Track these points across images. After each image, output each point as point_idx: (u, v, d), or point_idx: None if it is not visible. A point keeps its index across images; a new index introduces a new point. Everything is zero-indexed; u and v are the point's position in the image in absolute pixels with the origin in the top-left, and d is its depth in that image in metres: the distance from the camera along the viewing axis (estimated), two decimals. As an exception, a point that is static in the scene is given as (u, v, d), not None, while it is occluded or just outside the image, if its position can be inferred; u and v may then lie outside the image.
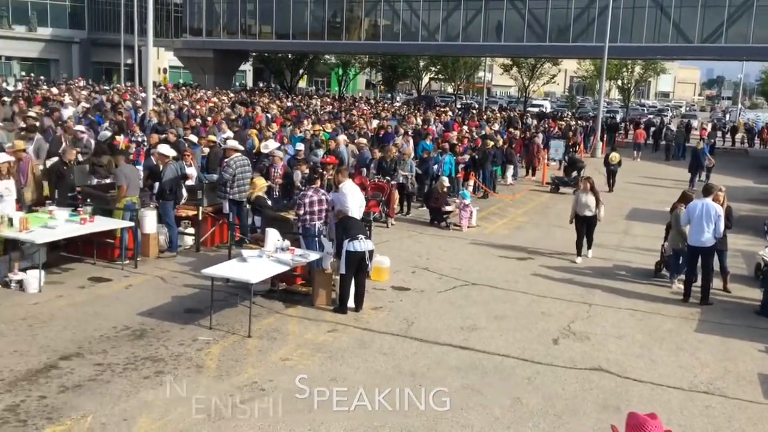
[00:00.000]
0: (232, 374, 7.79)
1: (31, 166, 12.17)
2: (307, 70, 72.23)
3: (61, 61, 64.78)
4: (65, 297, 10.01)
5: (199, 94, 41.21)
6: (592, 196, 13.49)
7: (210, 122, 23.16)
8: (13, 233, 10.28)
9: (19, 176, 11.59)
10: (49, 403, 6.83)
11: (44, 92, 33.68)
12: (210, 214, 13.26)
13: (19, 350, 8.05)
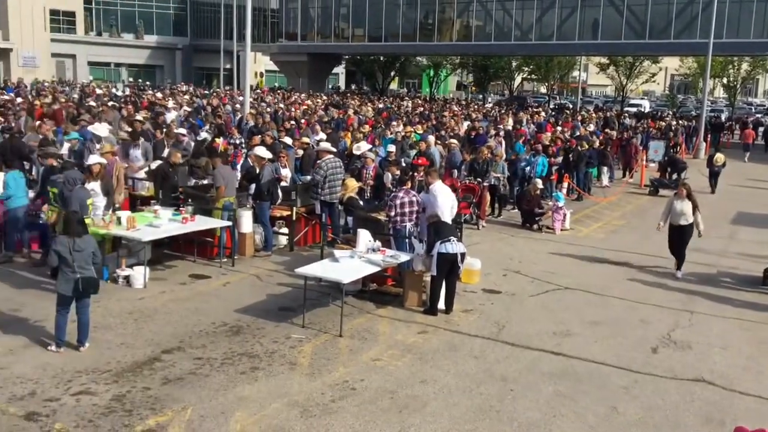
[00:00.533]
0: (324, 373, 7.92)
1: (116, 168, 12.66)
2: (398, 71, 72.62)
3: (165, 67, 67.82)
4: (168, 293, 10.45)
5: (293, 97, 42.17)
6: (688, 203, 12.48)
7: (304, 124, 23.66)
8: (121, 231, 10.84)
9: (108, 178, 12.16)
10: (153, 394, 7.16)
11: (150, 97, 35.33)
12: (303, 214, 13.55)
13: (126, 343, 8.47)
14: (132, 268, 10.80)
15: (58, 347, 8.08)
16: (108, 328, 8.89)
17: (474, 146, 19.24)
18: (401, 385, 7.68)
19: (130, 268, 10.82)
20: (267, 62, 65.35)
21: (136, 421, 6.61)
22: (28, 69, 53.79)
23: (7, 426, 6.37)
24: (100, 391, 7.17)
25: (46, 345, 8.16)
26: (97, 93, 35.60)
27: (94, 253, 8.11)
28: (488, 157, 16.68)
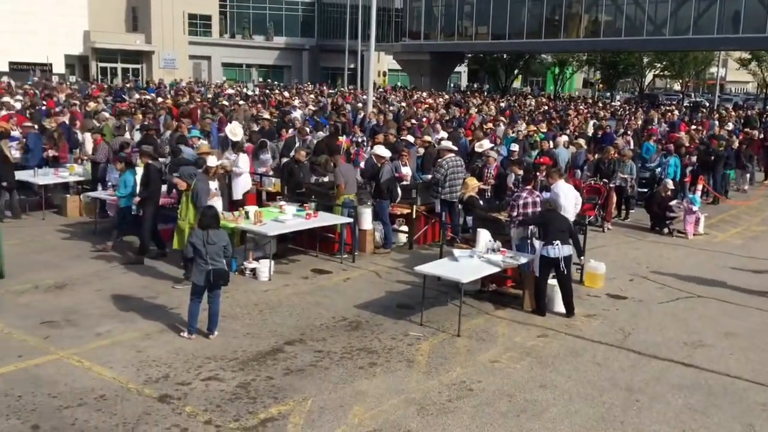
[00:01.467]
0: (441, 372, 7.89)
1: None
2: (522, 69, 71.34)
3: (292, 67, 70.11)
4: (291, 286, 10.78)
5: (415, 96, 42.39)
6: None
7: (425, 123, 23.72)
8: (248, 225, 11.30)
9: None
10: (275, 384, 7.40)
11: (277, 96, 36.63)
12: (423, 213, 13.57)
13: (252, 333, 8.81)
14: (258, 261, 11.22)
15: (190, 334, 8.53)
16: (235, 318, 9.29)
17: (600, 146, 18.55)
18: (519, 389, 7.53)
19: (257, 261, 11.24)
20: (390, 61, 66.06)
21: (260, 408, 6.85)
22: (168, 70, 57.22)
23: (143, 407, 6.78)
24: (227, 377, 7.49)
25: (180, 331, 8.64)
26: (229, 93, 37.25)
27: (225, 247, 8.49)
28: (615, 156, 16.03)
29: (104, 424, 6.41)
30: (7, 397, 6.82)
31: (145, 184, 11.64)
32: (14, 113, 19.11)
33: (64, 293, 9.93)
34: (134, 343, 8.29)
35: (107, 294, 9.95)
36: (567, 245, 9.70)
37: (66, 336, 8.42)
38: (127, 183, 11.80)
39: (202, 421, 6.55)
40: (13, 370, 7.43)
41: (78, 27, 55.07)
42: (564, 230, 9.73)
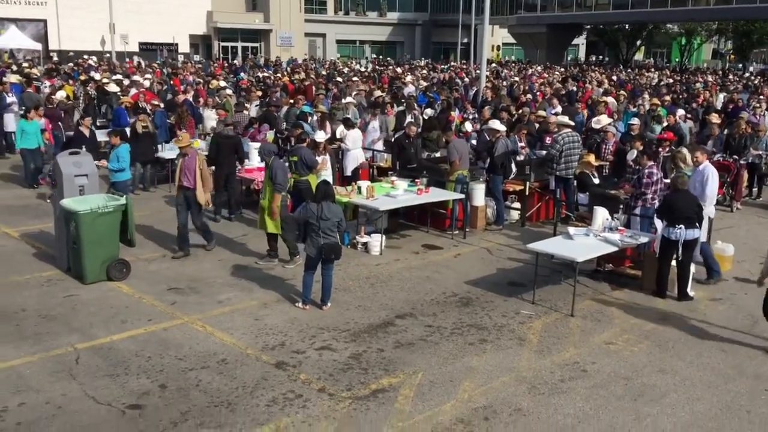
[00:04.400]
0: (554, 351, 7.74)
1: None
2: (645, 41, 67.95)
3: (405, 43, 70.12)
4: (402, 261, 10.87)
5: (530, 70, 41.37)
6: None
7: (540, 97, 23.11)
8: (360, 200, 11.45)
9: None
10: (386, 356, 7.50)
11: (390, 72, 36.77)
12: (537, 189, 13.28)
13: (363, 305, 8.96)
14: (370, 235, 11.37)
15: (305, 305, 8.78)
16: (347, 290, 9.47)
17: (731, 120, 17.43)
18: (637, 372, 7.26)
19: (369, 235, 11.39)
20: (504, 35, 64.73)
21: (371, 379, 6.97)
22: (285, 48, 58.65)
23: (260, 372, 7.07)
24: (339, 348, 7.67)
25: (295, 302, 8.91)
26: (343, 70, 37.75)
27: (339, 222, 8.64)
28: (747, 131, 15.00)
29: (225, 387, 6.72)
30: (138, 358, 7.29)
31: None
32: (144, 91, 20.19)
33: (189, 262, 10.46)
34: (252, 312, 8.63)
35: (228, 264, 10.40)
36: (694, 229, 9.18)
37: (190, 302, 8.89)
38: (120, 157, 11.66)
39: (316, 389, 6.74)
40: (143, 332, 7.93)
41: (202, 8, 57.37)
42: (691, 215, 9.19)
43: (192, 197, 10.35)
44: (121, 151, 11.68)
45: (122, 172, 11.71)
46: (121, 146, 11.75)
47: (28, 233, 11.47)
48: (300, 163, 11.26)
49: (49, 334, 7.77)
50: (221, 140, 12.68)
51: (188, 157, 10.34)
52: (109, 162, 11.69)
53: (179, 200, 10.48)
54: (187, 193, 10.35)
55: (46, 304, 8.63)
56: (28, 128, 14.43)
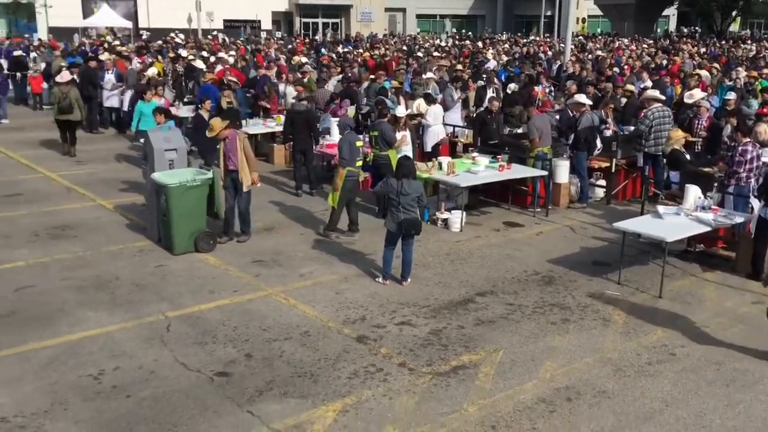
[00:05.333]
0: (640, 333, 7.52)
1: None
2: (741, 10, 64.38)
3: (486, 17, 68.86)
4: (482, 238, 10.76)
5: (617, 43, 39.95)
6: None
7: (627, 71, 22.29)
8: (441, 176, 11.38)
9: None
10: (466, 333, 7.47)
11: (470, 47, 36.22)
12: (623, 166, 12.86)
13: (443, 282, 8.94)
14: (450, 211, 11.30)
15: (385, 280, 8.83)
16: (427, 266, 9.46)
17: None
18: (730, 357, 6.98)
19: (449, 211, 11.33)
20: (590, 6, 62.58)
21: (451, 355, 6.96)
22: (365, 24, 58.63)
23: (342, 345, 7.16)
24: (419, 323, 7.69)
25: (375, 277, 8.97)
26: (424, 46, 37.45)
27: (419, 197, 8.61)
28: None
29: (308, 358, 6.85)
30: (225, 327, 7.51)
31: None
32: (228, 67, 20.61)
33: (272, 236, 10.68)
34: (333, 285, 8.75)
35: (309, 238, 10.56)
36: None
37: (273, 275, 9.08)
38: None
39: (396, 363, 6.79)
40: (229, 303, 8.16)
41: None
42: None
43: (237, 179, 10.00)
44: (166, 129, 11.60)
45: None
46: (166, 123, 11.60)
47: (121, 205, 11.96)
48: (380, 138, 11.29)
49: (141, 302, 8.11)
50: (294, 115, 12.79)
51: (228, 139, 10.01)
52: None
53: (227, 183, 10.07)
54: (233, 176, 10.00)
55: (138, 273, 9.00)
56: (146, 110, 13.91)
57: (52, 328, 7.39)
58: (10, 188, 12.97)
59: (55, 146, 16.65)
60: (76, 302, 8.06)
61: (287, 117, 13.14)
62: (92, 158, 15.77)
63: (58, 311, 7.80)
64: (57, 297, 8.18)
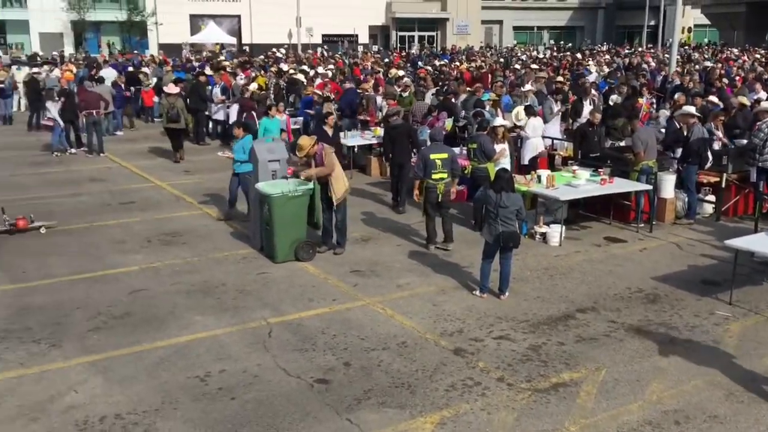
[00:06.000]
0: (754, 357, 7.13)
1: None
2: None
3: (586, 28, 67.46)
4: (582, 253, 10.51)
5: (725, 53, 38.24)
6: None
7: (738, 82, 21.27)
8: (540, 189, 11.21)
9: None
10: (567, 350, 7.31)
11: (570, 59, 35.56)
12: (734, 181, 12.26)
13: (542, 297, 8.78)
14: (549, 225, 11.10)
15: (482, 293, 8.76)
16: (525, 280, 9.32)
17: None
18: None
19: (547, 225, 11.13)
20: (696, 15, 60.26)
21: (551, 372, 6.83)
22: (461, 36, 58.63)
23: (439, 357, 7.16)
24: (518, 338, 7.58)
25: (472, 289, 8.92)
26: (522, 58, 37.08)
27: (518, 210, 8.51)
28: None
29: (405, 369, 6.88)
30: (324, 335, 7.65)
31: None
32: (328, 80, 21.09)
33: (369, 246, 10.81)
34: (431, 297, 8.76)
35: (406, 249, 10.62)
36: None
37: (371, 285, 9.18)
38: (246, 148, 11.57)
39: (495, 378, 6.71)
40: (328, 311, 8.31)
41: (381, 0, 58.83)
42: None
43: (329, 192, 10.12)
44: (245, 143, 11.67)
45: (246, 164, 11.52)
46: (245, 138, 11.76)
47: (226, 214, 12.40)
48: (479, 150, 11.26)
49: (245, 308, 8.38)
50: (390, 131, 12.91)
51: (317, 155, 10.14)
52: (235, 153, 11.76)
53: (322, 196, 10.17)
54: (325, 189, 10.13)
55: (242, 279, 9.31)
56: (270, 126, 13.98)
57: (163, 330, 7.75)
58: (124, 196, 13.73)
59: (165, 156, 17.51)
60: (185, 306, 8.42)
61: (386, 133, 13.28)
62: (199, 168, 16.46)
63: (169, 314, 8.18)
64: (167, 300, 8.58)
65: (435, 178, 10.42)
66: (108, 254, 10.26)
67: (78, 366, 6.90)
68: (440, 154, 10.48)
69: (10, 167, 15.14)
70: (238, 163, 11.69)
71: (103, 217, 12.17)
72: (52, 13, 50.03)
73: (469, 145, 11.58)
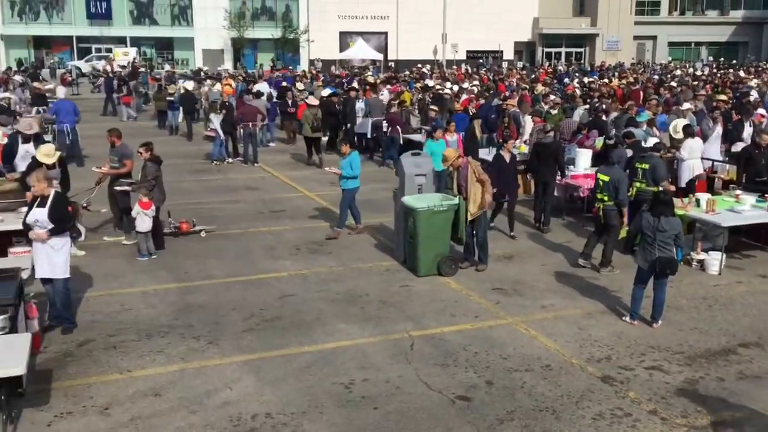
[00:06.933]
0: None
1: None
2: None
3: (750, 44, 63.19)
4: (745, 284, 9.80)
5: None
6: None
7: None
8: (698, 214, 10.58)
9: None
10: (728, 387, 6.81)
11: (731, 76, 33.42)
12: None
13: (699, 328, 8.26)
14: (707, 252, 10.44)
15: (633, 319, 8.37)
16: (680, 309, 8.81)
17: None
18: None
19: (705, 252, 10.47)
20: None
21: (710, 409, 6.39)
22: (611, 52, 56.76)
23: (586, 383, 6.90)
24: (672, 370, 7.16)
25: (621, 315, 8.54)
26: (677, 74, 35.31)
27: (677, 236, 8.08)
28: None
29: (550, 393, 6.70)
30: (466, 351, 7.61)
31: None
32: (473, 96, 21.08)
33: (512, 264, 10.65)
34: (576, 320, 8.48)
35: (551, 269, 10.36)
36: None
37: (513, 304, 9.03)
38: (354, 164, 11.58)
39: (647, 410, 6.38)
40: (470, 328, 8.26)
41: (528, 15, 58.16)
42: None
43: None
44: (353, 159, 11.66)
45: (353, 180, 11.64)
46: (352, 154, 11.72)
47: (370, 225, 12.67)
48: (649, 172, 10.73)
49: (387, 319, 8.50)
50: (539, 148, 12.62)
51: (461, 167, 10.10)
52: (342, 169, 11.65)
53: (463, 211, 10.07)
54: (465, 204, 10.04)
55: (385, 291, 9.46)
56: (436, 149, 12.88)
57: (310, 336, 8.02)
58: (276, 205, 14.38)
59: (313, 167, 18.19)
60: (331, 313, 8.67)
61: (533, 149, 13.04)
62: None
63: (315, 320, 8.45)
64: (314, 307, 8.87)
65: (598, 197, 10.17)
66: (260, 259, 10.77)
67: (233, 364, 7.28)
68: (604, 176, 10.18)
69: (176, 174, 16.27)
70: (345, 179, 11.66)
71: (256, 224, 12.80)
72: (215, 31, 53.63)
73: (639, 164, 10.98)
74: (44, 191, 7.77)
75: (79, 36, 53.30)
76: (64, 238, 7.90)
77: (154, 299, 9.06)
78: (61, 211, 7.81)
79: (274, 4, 56.02)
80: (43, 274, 7.85)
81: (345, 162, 11.75)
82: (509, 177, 11.90)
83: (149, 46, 55.57)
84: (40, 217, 7.68)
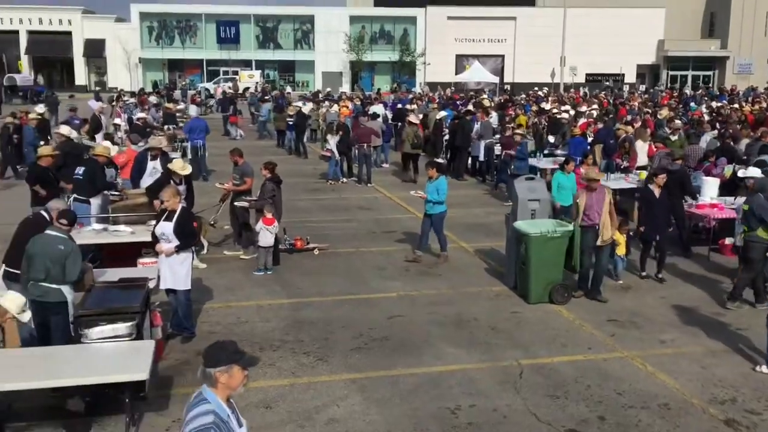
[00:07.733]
0: None
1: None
2: None
3: None
4: None
5: None
6: None
7: None
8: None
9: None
10: None
11: None
12: None
13: (838, 374, 7.60)
14: None
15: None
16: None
17: None
18: None
19: None
20: None
21: None
22: (742, 76, 53.82)
23: (707, 426, 6.50)
24: (806, 418, 6.63)
25: (749, 357, 8.00)
26: None
27: None
28: None
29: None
30: (577, 384, 7.36)
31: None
32: (592, 120, 20.51)
33: (629, 295, 10.23)
34: (698, 358, 8.02)
35: (671, 302, 9.87)
36: None
37: (630, 337, 8.66)
38: (440, 190, 11.51)
39: (775, 460, 5.93)
40: (583, 359, 7.98)
41: (653, 37, 56.23)
42: None
43: (594, 236, 9.72)
44: (440, 184, 11.55)
45: (439, 205, 11.53)
46: (439, 179, 11.58)
47: (481, 249, 12.56)
48: (750, 214, 9.51)
49: (496, 345, 8.37)
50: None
51: (596, 191, 9.76)
52: (429, 193, 11.53)
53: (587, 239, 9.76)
54: (591, 231, 9.73)
55: (495, 317, 9.32)
56: (565, 182, 12.40)
57: (417, 357, 8.01)
58: (387, 225, 14.53)
59: (409, 182, 18.38)
60: (438, 336, 8.63)
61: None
62: (454, 203, 16.83)
63: (423, 342, 8.44)
64: (422, 329, 8.86)
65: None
66: (371, 279, 10.90)
67: (341, 382, 7.38)
68: (745, 205, 9.69)
69: (293, 192, 16.77)
70: (431, 204, 11.54)
71: (368, 244, 12.97)
72: (335, 55, 55.30)
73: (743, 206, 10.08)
74: (174, 206, 8.24)
75: (209, 59, 56.45)
76: (187, 252, 8.32)
77: (268, 313, 9.36)
78: (186, 226, 8.24)
79: (392, 27, 57.16)
80: (167, 285, 8.30)
81: (431, 186, 11.63)
82: (660, 213, 10.92)
83: (272, 69, 57.99)
84: (167, 230, 8.13)
